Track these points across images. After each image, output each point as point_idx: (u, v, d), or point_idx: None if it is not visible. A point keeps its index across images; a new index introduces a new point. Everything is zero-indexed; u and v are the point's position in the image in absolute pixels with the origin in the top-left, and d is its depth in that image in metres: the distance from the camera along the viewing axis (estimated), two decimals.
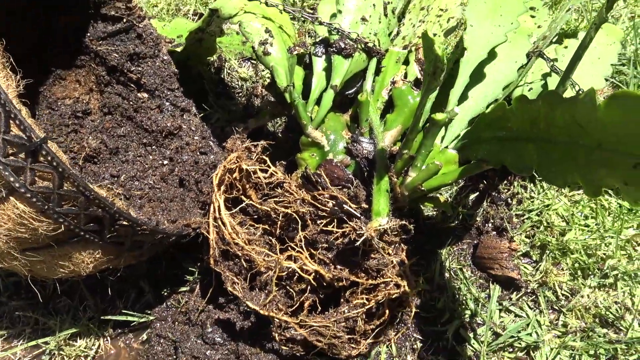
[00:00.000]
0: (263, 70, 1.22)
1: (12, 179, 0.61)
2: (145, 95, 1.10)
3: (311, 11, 1.36)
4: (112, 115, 1.12)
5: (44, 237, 0.69)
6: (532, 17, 1.13)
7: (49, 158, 0.62)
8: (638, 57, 1.13)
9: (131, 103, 1.10)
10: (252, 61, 1.25)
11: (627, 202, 0.91)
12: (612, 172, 0.57)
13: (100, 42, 1.07)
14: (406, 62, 1.01)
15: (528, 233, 0.95)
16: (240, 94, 1.19)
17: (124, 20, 1.05)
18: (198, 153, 1.06)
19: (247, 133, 1.05)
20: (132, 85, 1.09)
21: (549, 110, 0.64)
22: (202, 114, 1.16)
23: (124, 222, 0.72)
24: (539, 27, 1.11)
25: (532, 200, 0.98)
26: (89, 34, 1.07)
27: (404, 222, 0.78)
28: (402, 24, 1.15)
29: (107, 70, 1.09)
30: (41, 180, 0.64)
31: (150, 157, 1.09)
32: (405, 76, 0.98)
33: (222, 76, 1.22)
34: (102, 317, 0.91)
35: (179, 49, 1.12)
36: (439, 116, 0.71)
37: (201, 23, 1.03)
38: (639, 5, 1.25)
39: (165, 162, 1.08)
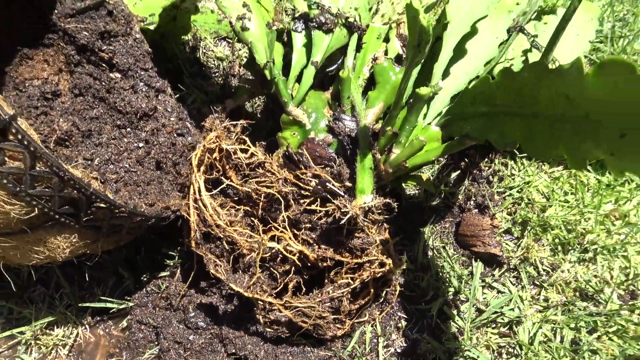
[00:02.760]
0: (240, 49, 1.19)
1: None
2: (118, 75, 1.06)
3: None
4: (83, 96, 1.07)
5: (16, 222, 0.66)
6: None
7: (19, 137, 0.58)
8: (614, 34, 1.13)
9: (103, 84, 1.06)
10: (228, 40, 1.22)
11: (613, 172, 0.92)
12: (599, 143, 0.56)
13: (69, 19, 1.03)
14: (386, 40, 1.00)
15: (509, 210, 0.95)
16: (217, 74, 1.16)
17: None
18: (175, 135, 1.03)
19: (225, 113, 1.03)
20: (103, 65, 1.05)
21: (535, 82, 0.64)
22: (177, 95, 1.13)
23: (101, 205, 0.69)
24: (517, 4, 1.11)
25: (512, 177, 0.98)
26: (56, 11, 1.02)
27: (387, 200, 0.78)
28: (381, 1, 1.13)
29: (77, 50, 1.04)
30: (12, 161, 0.60)
31: (125, 139, 1.05)
32: (386, 53, 0.96)
33: (198, 56, 1.18)
34: (79, 305, 0.89)
35: (152, 27, 1.08)
36: (424, 90, 0.70)
37: None
38: None
39: (141, 144, 1.04)
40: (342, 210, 0.73)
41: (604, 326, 0.83)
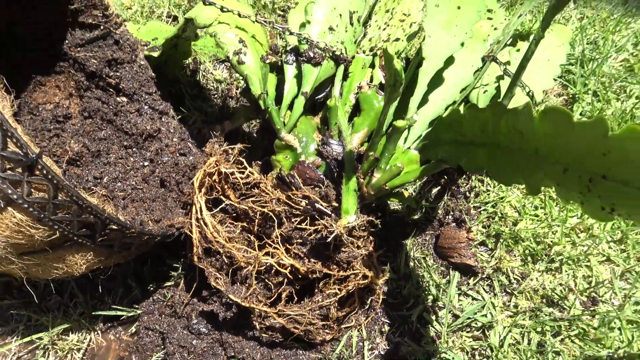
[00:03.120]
0: (237, 73, 1.28)
1: (9, 192, 0.67)
2: (124, 99, 1.15)
3: (282, 12, 1.42)
4: (92, 119, 1.16)
5: (39, 243, 0.75)
6: (490, 19, 1.21)
7: (44, 172, 0.67)
8: (585, 57, 1.22)
9: (111, 107, 1.14)
10: (226, 63, 1.30)
11: (560, 200, 1.01)
12: (547, 175, 0.65)
13: (79, 48, 1.11)
14: (372, 65, 1.08)
15: (484, 223, 1.04)
16: (216, 95, 1.25)
17: (101, 27, 1.09)
18: (177, 154, 1.12)
19: (223, 135, 1.11)
20: (111, 89, 1.14)
21: (495, 119, 0.72)
22: (179, 116, 1.21)
23: (114, 227, 0.78)
24: (495, 29, 1.19)
25: (488, 193, 1.07)
26: (67, 41, 1.11)
27: (371, 218, 0.86)
28: (369, 25, 1.22)
29: (86, 76, 1.13)
30: (37, 192, 0.69)
31: (132, 159, 1.14)
32: (372, 79, 1.05)
33: (198, 78, 1.27)
34: (92, 313, 0.97)
35: (155, 54, 1.16)
36: (400, 123, 0.79)
37: (176, 30, 1.08)
38: (587, 7, 1.34)
39: (146, 163, 1.13)
40: (328, 229, 0.82)
41: (567, 330, 0.92)
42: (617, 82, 1.18)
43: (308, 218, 0.88)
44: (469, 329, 0.95)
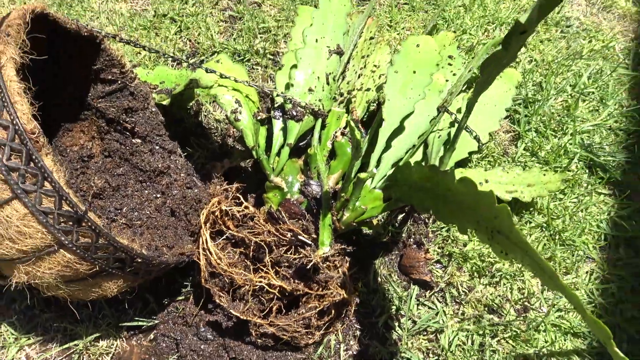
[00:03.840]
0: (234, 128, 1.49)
1: (62, 239, 0.88)
2: (139, 140, 1.36)
3: (272, 57, 1.63)
4: (112, 157, 1.37)
5: (82, 274, 0.96)
6: (450, 64, 1.42)
7: (89, 224, 0.89)
8: (529, 99, 1.43)
9: (127, 147, 1.35)
10: None
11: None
12: (469, 222, 0.87)
13: (100, 100, 1.32)
14: (348, 111, 1.29)
15: (439, 245, 1.26)
16: (216, 134, 1.46)
17: (119, 82, 1.30)
18: (185, 188, 1.33)
19: (223, 171, 1.33)
20: (127, 132, 1.35)
21: (432, 175, 0.94)
22: (185, 154, 1.42)
23: (139, 260, 0.99)
24: (454, 74, 1.41)
25: None
26: (90, 94, 1.32)
27: (343, 247, 1.08)
28: (347, 69, 1.43)
29: (106, 121, 1.34)
30: (83, 238, 0.90)
31: (146, 191, 1.35)
32: (346, 126, 1.26)
33: (200, 119, 1.48)
34: (118, 324, 1.19)
35: (165, 102, 1.37)
36: (363, 175, 1.00)
37: (182, 88, 1.28)
38: (536, 50, 1.55)
39: (158, 195, 1.34)
40: (308, 257, 1.03)
41: (503, 333, 1.14)
42: (555, 121, 1.39)
43: (293, 247, 1.10)
44: (425, 333, 1.17)
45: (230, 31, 1.64)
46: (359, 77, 1.41)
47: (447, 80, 1.37)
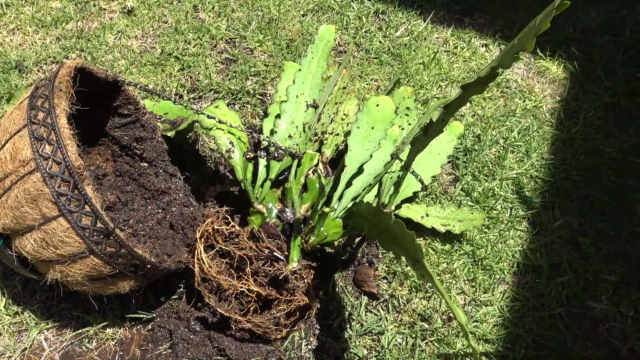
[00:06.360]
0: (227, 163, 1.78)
1: (94, 248, 1.16)
2: (146, 164, 1.64)
3: (260, 97, 1.92)
4: (122, 177, 1.65)
5: (104, 274, 1.24)
6: (407, 114, 1.74)
7: (116, 238, 1.17)
8: (468, 148, 1.76)
9: (136, 169, 1.63)
10: None
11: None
12: (402, 251, 1.17)
13: (116, 129, 1.60)
14: (320, 151, 1.60)
15: (387, 264, 1.57)
16: (210, 160, 1.75)
17: (133, 115, 1.58)
18: (182, 206, 1.61)
19: (215, 193, 1.61)
20: (137, 157, 1.63)
21: (378, 213, 1.24)
22: (184, 176, 1.70)
23: (149, 266, 1.28)
24: (409, 124, 1.72)
25: None
26: (108, 125, 1.60)
27: (309, 263, 1.38)
28: (322, 112, 1.74)
29: (120, 147, 1.62)
30: (109, 248, 1.18)
31: (149, 207, 1.63)
32: (318, 164, 1.56)
33: (197, 147, 1.76)
34: (124, 316, 1.47)
35: (170, 134, 1.66)
36: (326, 209, 1.30)
37: (186, 125, 1.57)
38: (479, 106, 1.88)
39: (160, 211, 1.62)
40: (280, 270, 1.33)
41: (430, 336, 1.45)
42: (487, 168, 1.72)
43: (269, 261, 1.39)
44: (369, 334, 1.48)
45: (226, 72, 1.93)
46: (331, 121, 1.71)
47: (402, 129, 1.69)
